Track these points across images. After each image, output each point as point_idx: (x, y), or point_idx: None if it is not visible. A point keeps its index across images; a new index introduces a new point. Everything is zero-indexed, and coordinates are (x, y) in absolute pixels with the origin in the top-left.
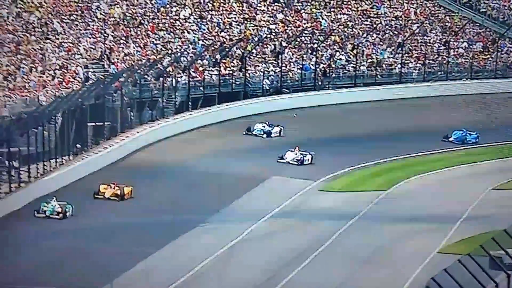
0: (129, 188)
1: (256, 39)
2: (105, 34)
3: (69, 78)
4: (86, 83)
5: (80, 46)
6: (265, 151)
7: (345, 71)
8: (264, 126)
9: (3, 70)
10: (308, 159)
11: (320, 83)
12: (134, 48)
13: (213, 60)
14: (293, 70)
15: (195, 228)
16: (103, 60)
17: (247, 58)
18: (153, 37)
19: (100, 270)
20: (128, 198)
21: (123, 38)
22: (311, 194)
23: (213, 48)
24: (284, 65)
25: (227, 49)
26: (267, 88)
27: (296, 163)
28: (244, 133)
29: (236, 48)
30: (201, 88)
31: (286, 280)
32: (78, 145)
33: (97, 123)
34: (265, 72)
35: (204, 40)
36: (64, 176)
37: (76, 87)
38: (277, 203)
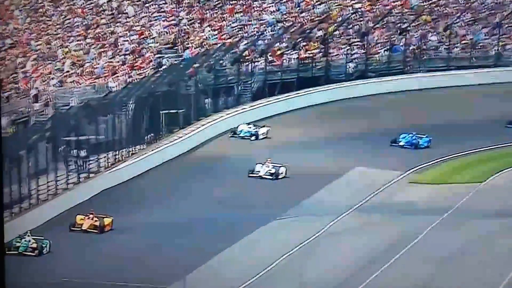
0: (109, 219)
1: (339, 19)
2: (179, 17)
3: (140, 63)
4: (158, 69)
5: (152, 29)
6: (347, 141)
7: (437, 53)
8: (250, 127)
9: (72, 55)
10: (282, 172)
11: (409, 66)
12: (209, 31)
13: (293, 43)
14: (379, 53)
15: (271, 222)
16: (176, 44)
17: (330, 40)
18: (229, 19)
19: (173, 265)
20: (108, 230)
21: (198, 21)
22: (399, 187)
23: (292, 30)
24: (370, 47)
25: (307, 31)
26: (351, 72)
27: (270, 177)
28: (230, 135)
29: (318, 30)
30: (279, 73)
31: (370, 279)
32: (151, 135)
33: (171, 111)
34: (349, 55)
35: (283, 22)
36: (136, 167)
37: (148, 73)
38: (361, 197)
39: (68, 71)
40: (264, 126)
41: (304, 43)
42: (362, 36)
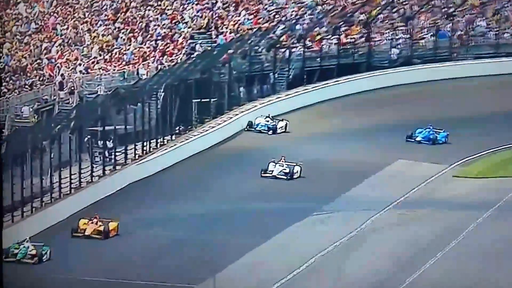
0: (114, 224)
1: (383, 2)
2: (212, 1)
3: (172, 49)
4: (191, 55)
5: (185, 13)
6: (388, 132)
7: (485, 39)
8: (268, 121)
9: (99, 40)
10: (297, 171)
11: (456, 53)
12: (244, 15)
13: (333, 27)
14: (425, 38)
15: (308, 217)
16: (210, 29)
17: (372, 25)
18: (266, 3)
19: (203, 261)
20: (113, 235)
21: (233, 5)
22: (444, 181)
23: (332, 14)
24: (414, 32)
25: (349, 15)
26: (395, 58)
27: (285, 177)
28: (246, 129)
29: (360, 13)
30: (318, 59)
31: (413, 277)
32: (181, 125)
33: (203, 100)
34: (393, 40)
35: (323, 5)
36: (164, 159)
37: (180, 59)
38: (404, 190)
39: (95, 57)
40: (282, 120)
41: (345, 28)
42: (407, 20)
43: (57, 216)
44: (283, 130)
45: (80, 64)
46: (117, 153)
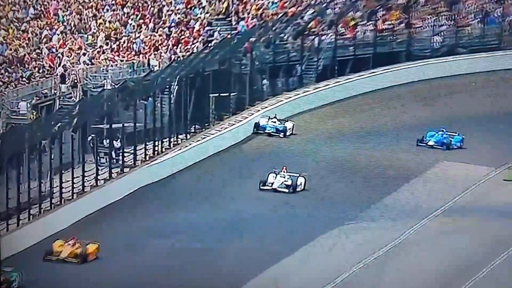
0: (94, 246)
1: None
2: None
3: (187, 37)
4: (208, 44)
5: None
6: (428, 129)
7: None
8: (274, 122)
9: (106, 28)
10: (300, 184)
11: (507, 41)
12: None
13: (369, 12)
14: (471, 24)
15: (339, 226)
16: (230, 15)
17: (413, 9)
18: None
19: (224, 274)
20: (92, 259)
21: None
22: (493, 185)
23: None
24: (460, 17)
25: None
26: (438, 47)
27: (287, 190)
28: (254, 131)
29: None
30: (352, 48)
31: None
32: (197, 123)
33: (221, 94)
34: (435, 26)
35: None
36: (179, 160)
37: (196, 49)
38: (449, 196)
39: (101, 47)
40: (288, 121)
41: (383, 12)
42: (451, 4)
43: (57, 225)
44: (291, 132)
45: (84, 54)
46: (125, 154)
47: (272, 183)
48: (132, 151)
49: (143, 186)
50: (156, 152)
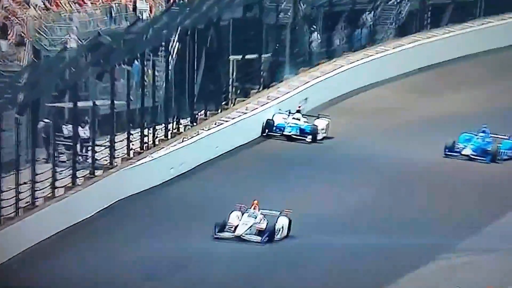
0: None
1: None
2: None
3: None
4: None
5: None
6: None
7: None
8: (298, 120)
9: None
10: (279, 229)
11: None
12: None
13: None
14: None
15: (431, 261)
16: None
17: None
18: None
19: None
20: None
21: None
22: None
23: None
24: None
25: None
26: None
27: (255, 240)
28: (265, 133)
29: None
30: None
31: None
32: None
33: (247, 57)
34: None
35: None
36: (179, 158)
37: None
38: None
39: None
40: (319, 117)
41: None
42: None
43: None
44: (324, 134)
45: None
46: (96, 149)
47: (235, 227)
48: (108, 144)
49: (122, 198)
50: (145, 145)
